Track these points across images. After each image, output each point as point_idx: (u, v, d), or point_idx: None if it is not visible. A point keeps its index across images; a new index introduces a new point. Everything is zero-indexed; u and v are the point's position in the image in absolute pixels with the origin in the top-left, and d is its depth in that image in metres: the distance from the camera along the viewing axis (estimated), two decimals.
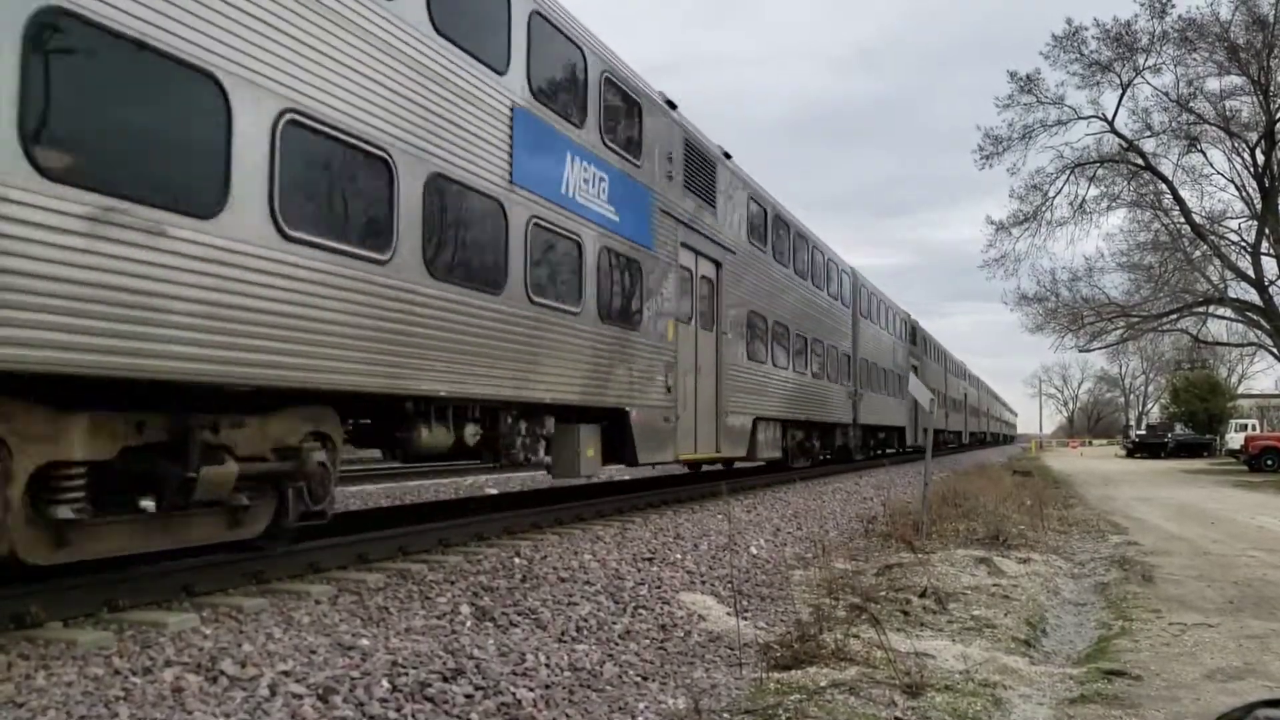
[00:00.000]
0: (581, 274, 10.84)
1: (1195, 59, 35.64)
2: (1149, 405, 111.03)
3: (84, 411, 5.67)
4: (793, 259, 20.65)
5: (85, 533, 5.80)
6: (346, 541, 8.13)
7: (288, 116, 6.52)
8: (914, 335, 36.26)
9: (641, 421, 12.24)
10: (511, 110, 9.45)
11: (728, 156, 16.33)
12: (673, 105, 13.79)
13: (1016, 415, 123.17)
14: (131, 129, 5.58)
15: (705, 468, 19.19)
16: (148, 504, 6.13)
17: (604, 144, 11.46)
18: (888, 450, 33.06)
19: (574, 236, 10.67)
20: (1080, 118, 38.44)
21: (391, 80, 7.64)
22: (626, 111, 12.31)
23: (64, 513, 5.58)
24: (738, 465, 19.73)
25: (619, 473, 20.33)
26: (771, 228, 18.99)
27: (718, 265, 15.45)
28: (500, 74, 9.30)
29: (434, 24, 8.25)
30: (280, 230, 6.41)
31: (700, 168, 14.74)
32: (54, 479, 5.53)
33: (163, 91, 5.73)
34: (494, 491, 16.69)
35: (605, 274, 11.44)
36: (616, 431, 11.87)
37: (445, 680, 5.14)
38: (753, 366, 17.30)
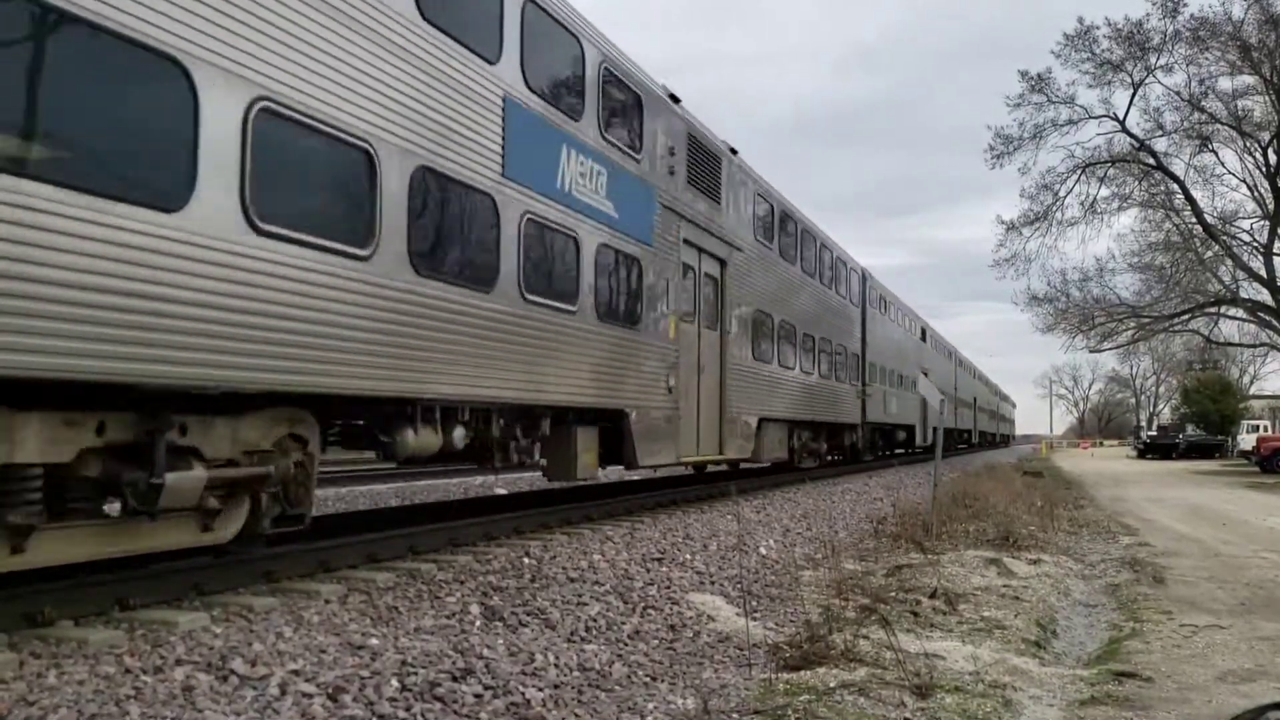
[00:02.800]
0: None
1: (1207, 58, 35.52)
2: (1160, 406, 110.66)
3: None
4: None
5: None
6: (356, 541, 8.15)
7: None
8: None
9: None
10: None
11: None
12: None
13: (1015, 406, 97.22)
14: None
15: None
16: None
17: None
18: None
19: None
20: (1091, 117, 38.32)
21: None
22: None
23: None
24: (747, 466, 20.13)
25: (641, 472, 20.47)
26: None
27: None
28: None
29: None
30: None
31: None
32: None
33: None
34: (503, 492, 16.70)
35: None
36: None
37: (454, 680, 5.15)
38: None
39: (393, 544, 8.39)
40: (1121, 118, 37.91)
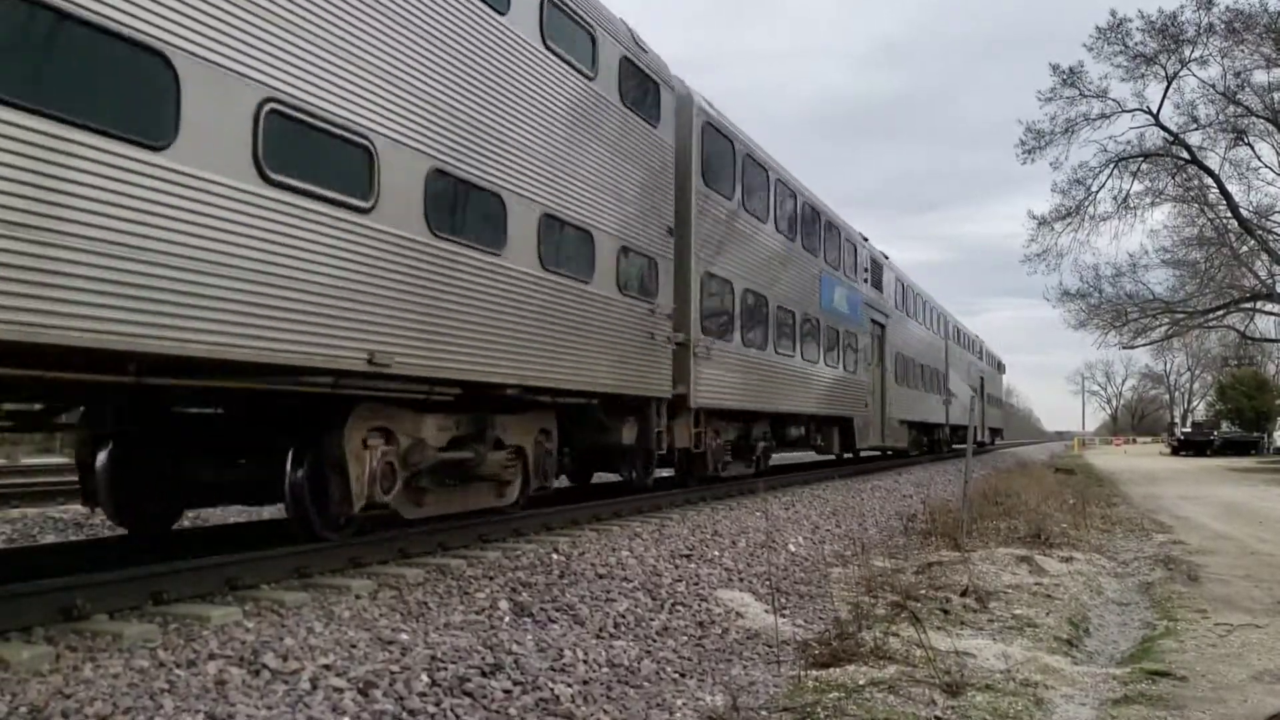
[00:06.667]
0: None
1: (1242, 51, 34.87)
2: (1195, 403, 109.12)
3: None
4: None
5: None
6: (387, 537, 8.19)
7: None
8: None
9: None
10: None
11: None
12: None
13: (1003, 373, 61.77)
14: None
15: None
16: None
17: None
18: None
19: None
20: (1124, 111, 37.73)
21: None
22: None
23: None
24: (776, 463, 20.75)
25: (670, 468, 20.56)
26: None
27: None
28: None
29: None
30: None
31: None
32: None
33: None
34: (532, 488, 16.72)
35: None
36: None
37: (484, 675, 5.17)
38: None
39: (422, 540, 8.43)
40: (1155, 111, 37.40)
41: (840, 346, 20.82)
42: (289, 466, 7.48)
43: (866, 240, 24.17)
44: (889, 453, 28.15)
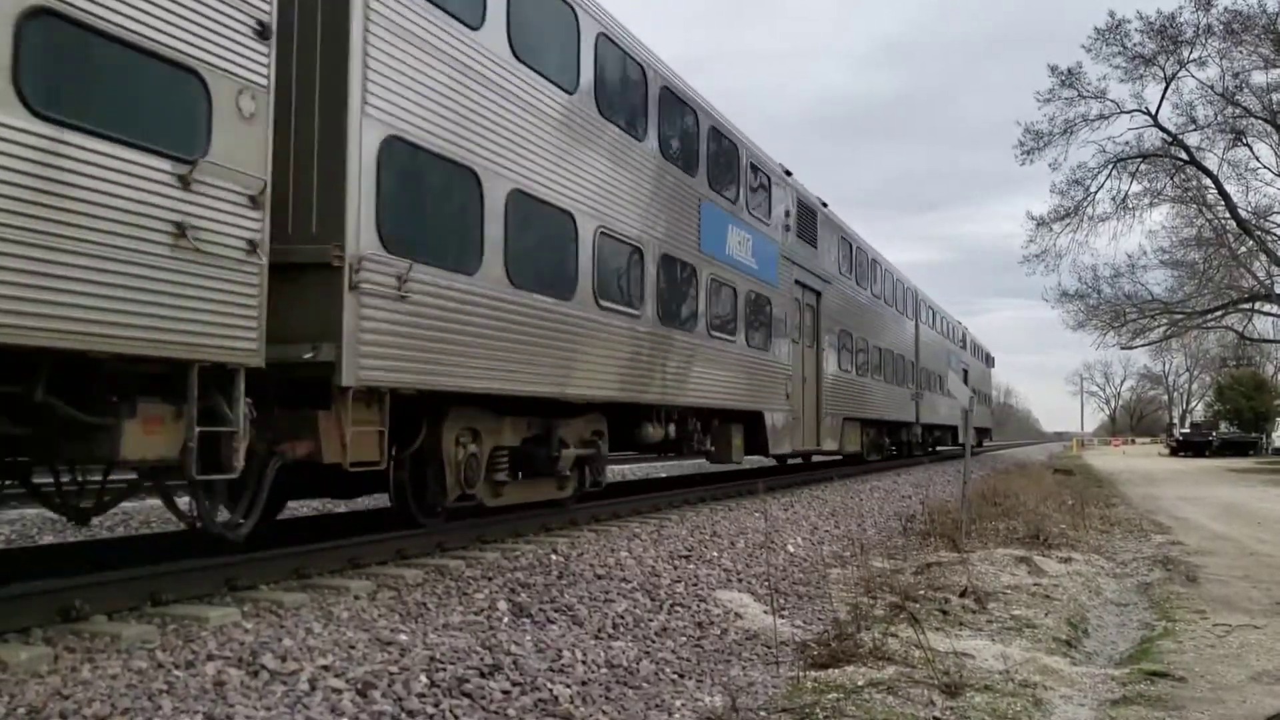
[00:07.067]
0: None
1: (1241, 51, 34.94)
2: (1193, 403, 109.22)
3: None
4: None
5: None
6: (385, 537, 8.18)
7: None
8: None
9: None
10: None
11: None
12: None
13: (992, 367, 54.47)
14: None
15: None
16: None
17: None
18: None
19: None
20: (1123, 111, 37.74)
21: None
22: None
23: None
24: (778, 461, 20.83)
25: (655, 470, 20.57)
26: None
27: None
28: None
29: None
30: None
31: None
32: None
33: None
34: None
35: None
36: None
37: (483, 676, 5.17)
38: None
39: (421, 540, 8.42)
40: (1154, 112, 37.41)
41: (740, 312, 14.79)
42: None
43: (791, 175, 18.00)
44: (840, 457, 22.45)
